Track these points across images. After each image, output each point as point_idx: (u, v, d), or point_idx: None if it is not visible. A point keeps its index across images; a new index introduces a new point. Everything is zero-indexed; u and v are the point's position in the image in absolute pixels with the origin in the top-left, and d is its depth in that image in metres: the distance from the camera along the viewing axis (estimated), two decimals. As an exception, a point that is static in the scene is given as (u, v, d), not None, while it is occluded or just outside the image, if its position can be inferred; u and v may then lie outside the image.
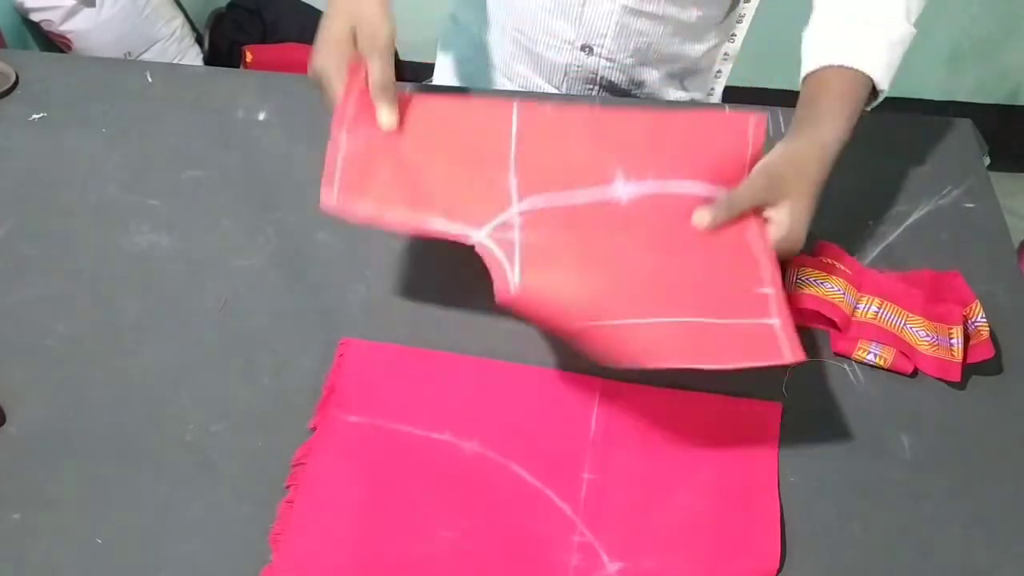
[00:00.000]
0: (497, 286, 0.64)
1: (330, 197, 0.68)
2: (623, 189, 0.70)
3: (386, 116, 0.70)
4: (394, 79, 0.70)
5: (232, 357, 0.73)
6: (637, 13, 0.89)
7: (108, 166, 0.85)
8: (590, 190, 0.70)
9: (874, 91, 0.77)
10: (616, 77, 0.96)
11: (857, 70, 0.75)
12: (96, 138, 0.87)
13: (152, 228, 0.81)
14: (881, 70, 0.75)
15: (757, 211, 0.71)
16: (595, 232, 0.69)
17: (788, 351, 0.63)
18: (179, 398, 0.70)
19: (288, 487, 0.66)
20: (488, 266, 0.66)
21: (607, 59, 0.94)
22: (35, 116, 0.89)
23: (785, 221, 0.70)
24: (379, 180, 0.68)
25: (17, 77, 0.91)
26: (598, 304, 0.65)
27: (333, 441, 0.68)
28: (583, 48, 0.93)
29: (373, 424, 0.69)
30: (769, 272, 0.67)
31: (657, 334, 0.64)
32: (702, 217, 0.70)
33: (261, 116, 0.90)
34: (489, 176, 0.70)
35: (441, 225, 0.68)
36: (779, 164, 0.71)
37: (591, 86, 0.97)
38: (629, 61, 0.94)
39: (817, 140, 0.73)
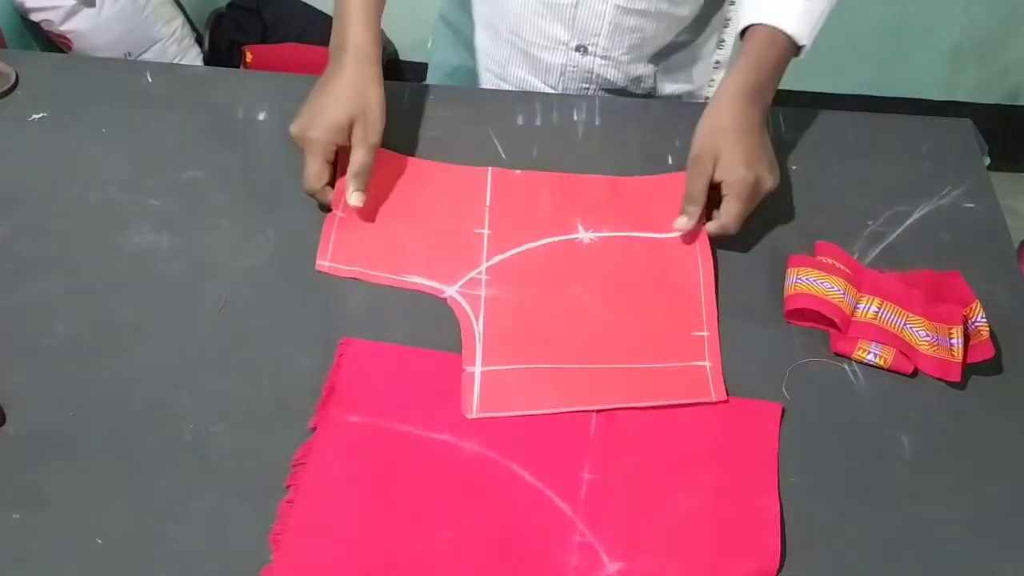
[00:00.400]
0: (463, 408, 0.71)
1: (324, 262, 0.79)
2: (584, 235, 0.81)
3: (354, 199, 0.78)
4: (371, 169, 0.79)
5: (232, 357, 0.73)
6: (630, 11, 0.90)
7: (108, 166, 0.85)
8: (554, 239, 0.81)
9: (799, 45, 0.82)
10: (612, 75, 0.96)
11: (768, 25, 0.80)
12: (96, 138, 0.87)
13: (152, 228, 0.81)
14: (795, 23, 0.80)
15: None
16: (553, 283, 0.78)
17: (714, 392, 0.71)
18: (179, 398, 0.70)
19: (288, 487, 0.66)
20: (458, 317, 0.75)
21: (602, 57, 0.94)
22: (35, 116, 0.89)
23: (724, 175, 0.78)
24: (365, 249, 0.79)
25: (17, 77, 0.91)
26: (553, 351, 0.74)
27: (333, 441, 0.68)
28: (578, 48, 0.94)
29: (373, 424, 0.69)
30: (707, 316, 0.76)
31: (603, 377, 0.72)
32: (683, 223, 0.78)
33: (261, 116, 0.90)
34: (464, 236, 0.81)
35: (418, 281, 0.78)
36: (698, 141, 0.80)
37: (587, 85, 0.97)
38: (624, 58, 0.94)
39: (719, 95, 0.81)
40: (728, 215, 0.78)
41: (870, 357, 0.73)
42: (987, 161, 0.89)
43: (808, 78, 1.82)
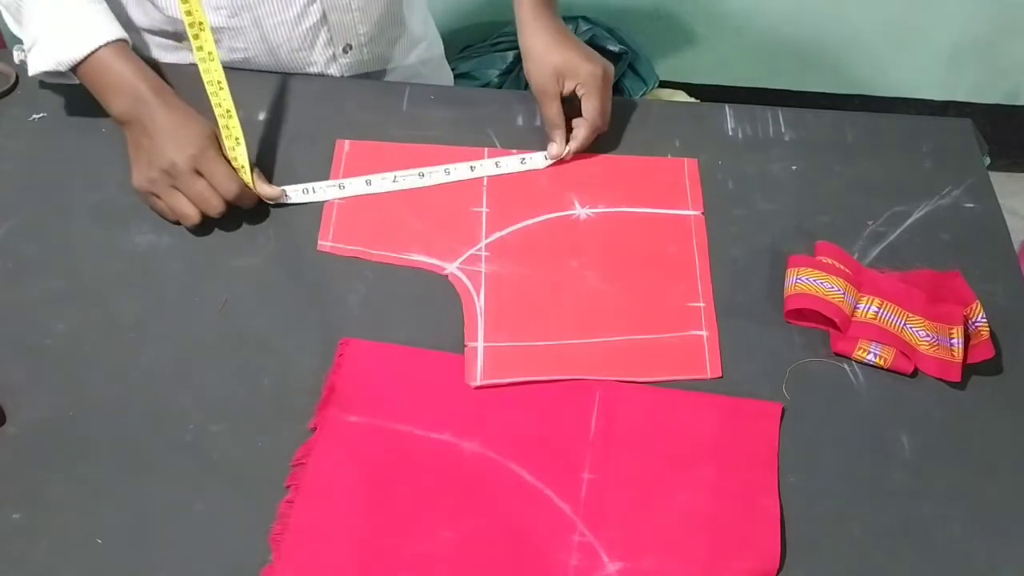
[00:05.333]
0: (466, 378, 0.72)
1: (326, 243, 0.80)
2: (580, 211, 0.83)
3: (269, 190, 0.81)
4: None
5: (232, 357, 0.73)
6: None
7: (108, 166, 0.85)
8: (551, 215, 0.83)
9: None
10: (372, 49, 0.98)
11: None
12: (96, 138, 0.87)
13: (152, 228, 0.81)
14: None
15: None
16: (551, 258, 0.80)
17: (709, 367, 0.73)
18: (179, 398, 0.70)
19: (288, 487, 0.66)
20: (459, 293, 0.77)
21: (364, 41, 0.96)
22: (35, 116, 0.89)
23: (574, 78, 0.82)
24: (366, 228, 0.81)
25: (17, 77, 0.91)
26: (552, 324, 0.75)
27: (333, 441, 0.68)
28: (344, 50, 0.95)
29: (373, 424, 0.69)
30: (703, 287, 0.78)
31: (603, 350, 0.74)
32: (553, 150, 0.84)
33: (261, 116, 0.90)
34: (463, 214, 0.82)
35: (419, 258, 0.79)
36: (534, 71, 0.83)
37: (362, 69, 0.99)
38: (375, 30, 0.96)
39: (524, 21, 0.85)
40: (591, 112, 0.83)
41: (870, 357, 0.74)
42: (987, 161, 0.89)
43: (808, 78, 1.82)
